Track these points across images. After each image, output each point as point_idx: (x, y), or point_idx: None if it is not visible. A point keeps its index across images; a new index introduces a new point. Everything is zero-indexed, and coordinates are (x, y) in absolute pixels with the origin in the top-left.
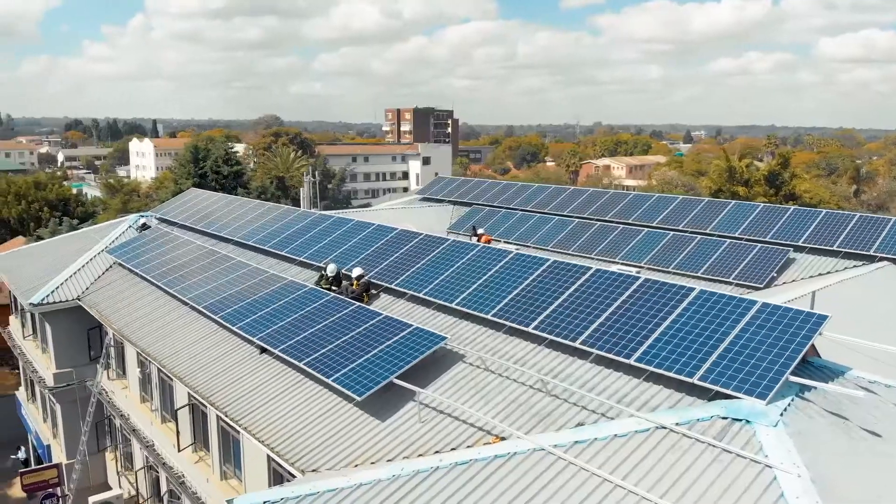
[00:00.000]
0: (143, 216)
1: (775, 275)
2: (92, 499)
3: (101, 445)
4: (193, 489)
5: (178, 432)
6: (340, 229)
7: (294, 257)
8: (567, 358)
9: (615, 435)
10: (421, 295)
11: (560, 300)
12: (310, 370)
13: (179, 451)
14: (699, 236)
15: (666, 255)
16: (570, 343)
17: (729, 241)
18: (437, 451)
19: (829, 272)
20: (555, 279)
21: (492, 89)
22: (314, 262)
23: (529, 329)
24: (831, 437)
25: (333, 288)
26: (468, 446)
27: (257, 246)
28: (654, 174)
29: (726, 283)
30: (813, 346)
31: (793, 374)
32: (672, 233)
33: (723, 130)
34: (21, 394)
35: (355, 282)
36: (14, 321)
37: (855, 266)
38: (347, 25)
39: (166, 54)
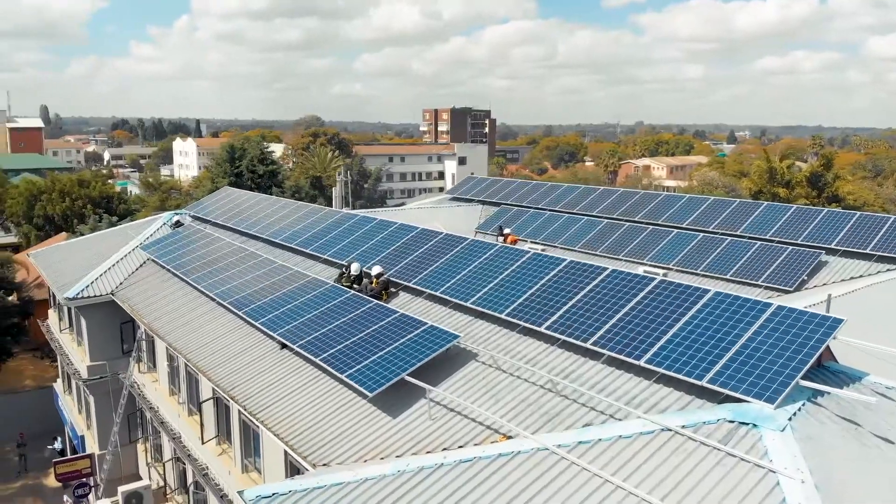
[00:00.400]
0: (177, 214)
1: (805, 278)
2: (121, 489)
3: (132, 437)
4: (216, 481)
5: (202, 425)
6: (363, 228)
7: (318, 255)
8: (578, 358)
9: (620, 436)
10: (437, 293)
11: (574, 300)
12: (325, 366)
13: (203, 443)
14: (729, 238)
15: (695, 257)
16: (582, 344)
17: (760, 243)
18: (445, 449)
19: (861, 276)
20: (570, 279)
21: (530, 89)
22: (337, 260)
23: (542, 329)
24: (842, 442)
25: (355, 286)
26: (476, 444)
27: (284, 244)
28: (694, 175)
29: (755, 286)
30: (829, 350)
31: (805, 378)
32: (702, 234)
33: (767, 131)
34: (58, 386)
35: (374, 280)
36: (52, 315)
37: (889, 270)
38: (387, 26)
39: (211, 55)
